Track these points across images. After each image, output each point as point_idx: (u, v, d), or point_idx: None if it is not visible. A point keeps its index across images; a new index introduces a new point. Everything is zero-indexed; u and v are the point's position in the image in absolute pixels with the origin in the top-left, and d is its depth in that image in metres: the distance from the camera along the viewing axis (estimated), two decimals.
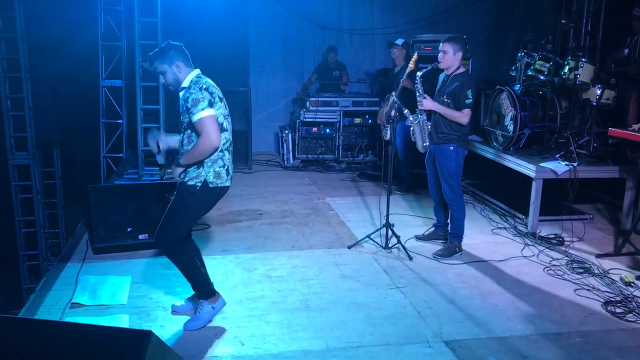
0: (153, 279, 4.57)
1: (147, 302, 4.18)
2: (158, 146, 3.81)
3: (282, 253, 5.19)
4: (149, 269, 4.78)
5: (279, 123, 9.66)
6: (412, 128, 5.27)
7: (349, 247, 5.35)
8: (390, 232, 5.31)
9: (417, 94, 5.12)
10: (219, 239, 5.54)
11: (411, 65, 5.20)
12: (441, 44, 5.03)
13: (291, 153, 8.94)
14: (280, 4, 9.35)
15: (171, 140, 3.89)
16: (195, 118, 3.52)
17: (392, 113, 5.36)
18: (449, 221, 5.37)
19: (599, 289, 4.54)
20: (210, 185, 3.66)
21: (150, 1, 7.32)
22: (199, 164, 3.63)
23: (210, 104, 3.55)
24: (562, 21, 6.94)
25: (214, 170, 3.66)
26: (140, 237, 5.11)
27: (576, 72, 5.93)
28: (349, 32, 9.81)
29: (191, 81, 3.63)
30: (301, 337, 3.75)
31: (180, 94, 3.68)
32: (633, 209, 5.93)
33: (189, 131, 3.66)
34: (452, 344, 3.70)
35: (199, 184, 3.64)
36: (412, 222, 6.18)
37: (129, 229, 5.11)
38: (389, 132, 6.03)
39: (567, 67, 6.09)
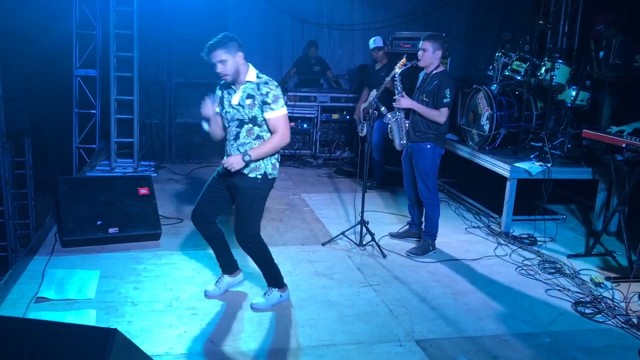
0: (122, 274, 4.48)
1: (116, 297, 4.09)
2: (210, 110, 3.85)
3: None
4: (119, 263, 4.68)
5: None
6: (390, 126, 5.25)
7: (323, 244, 5.32)
8: (364, 230, 5.30)
9: (396, 91, 5.11)
10: (191, 234, 5.44)
11: (397, 69, 5.14)
12: (421, 41, 5.01)
13: None
14: None
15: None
16: (273, 115, 3.65)
17: (371, 111, 5.33)
18: (423, 219, 5.37)
19: (569, 290, 4.57)
20: (270, 177, 3.84)
21: None
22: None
23: (285, 103, 3.67)
24: (540, 22, 6.98)
25: (271, 163, 3.83)
26: (110, 230, 5.01)
27: (552, 73, 5.97)
28: (328, 27, 9.75)
29: (258, 75, 3.73)
30: (272, 335, 3.71)
31: (243, 87, 3.72)
32: (604, 211, 6.00)
33: (249, 125, 3.73)
34: (423, 343, 3.70)
35: (260, 177, 3.78)
36: (387, 219, 6.17)
37: (99, 222, 5.00)
38: (365, 128, 6.02)
39: (543, 68, 6.14)
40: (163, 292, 4.22)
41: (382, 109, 5.26)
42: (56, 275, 4.33)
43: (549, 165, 5.75)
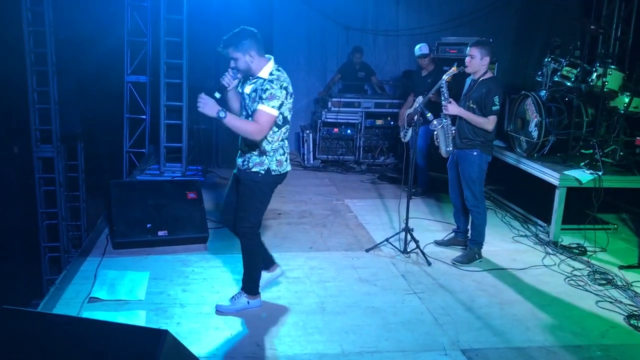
0: (171, 276, 4.59)
1: (165, 299, 4.20)
2: (230, 82, 3.83)
3: (299, 254, 5.18)
4: (168, 265, 4.80)
5: (300, 122, 9.65)
6: (435, 132, 5.21)
7: (367, 250, 5.32)
8: (409, 237, 5.27)
9: (442, 98, 5.07)
10: (237, 238, 5.53)
11: (448, 78, 5.11)
12: (468, 48, 4.96)
13: (312, 153, 8.93)
14: (305, 3, 9.34)
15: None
16: (259, 107, 3.66)
17: (416, 117, 5.31)
18: (469, 227, 5.31)
19: (621, 302, 4.44)
20: (273, 173, 3.85)
21: None
22: (263, 152, 3.80)
23: (280, 106, 3.71)
24: (591, 27, 6.80)
25: (276, 159, 3.84)
26: (160, 233, 5.13)
27: (604, 79, 5.82)
28: (373, 33, 9.76)
29: (271, 73, 3.75)
30: (316, 340, 3.73)
31: (254, 81, 3.78)
32: None
33: (250, 119, 3.78)
34: (469, 352, 3.66)
35: (263, 172, 3.81)
36: (432, 227, 6.13)
37: (148, 225, 5.13)
38: (408, 134, 6.00)
39: (595, 74, 5.99)
40: (210, 294, 4.30)
41: (428, 115, 5.22)
42: (108, 276, 4.47)
43: (600, 173, 5.60)
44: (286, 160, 3.93)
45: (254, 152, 3.82)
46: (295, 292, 4.40)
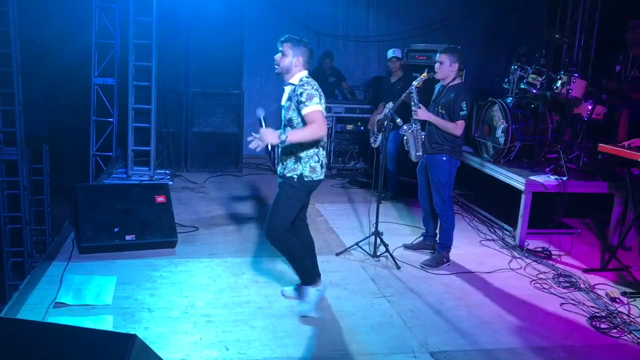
0: (139, 280, 4.53)
1: (132, 304, 4.14)
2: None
3: (269, 258, 5.16)
4: (135, 270, 4.73)
5: (270, 127, 9.62)
6: (405, 137, 5.27)
7: (337, 254, 5.34)
8: (378, 241, 5.31)
9: (412, 103, 5.13)
10: (207, 242, 5.51)
11: (418, 84, 5.16)
12: (438, 54, 5.04)
13: None
14: (277, 8, 9.34)
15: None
16: (307, 110, 3.79)
17: (386, 123, 5.36)
18: (437, 231, 5.38)
19: (584, 304, 4.55)
20: (305, 179, 3.97)
21: (146, 0, 7.31)
22: (298, 159, 3.95)
23: (320, 101, 3.86)
24: (556, 36, 6.97)
25: (309, 166, 3.96)
26: (127, 237, 5.05)
27: (568, 86, 5.97)
28: (343, 39, 9.83)
29: (301, 79, 3.91)
30: (286, 344, 3.72)
31: (288, 88, 3.97)
32: (620, 225, 5.96)
33: (288, 127, 3.94)
34: (437, 355, 3.70)
35: (296, 177, 3.95)
36: (401, 231, 6.18)
37: (116, 229, 5.05)
38: (378, 139, 6.06)
39: (559, 82, 6.13)
40: (179, 299, 4.25)
41: (398, 120, 5.28)
42: (74, 280, 4.38)
43: (565, 178, 5.74)
44: (322, 168, 4.04)
45: (290, 159, 3.96)
46: (265, 296, 4.39)
